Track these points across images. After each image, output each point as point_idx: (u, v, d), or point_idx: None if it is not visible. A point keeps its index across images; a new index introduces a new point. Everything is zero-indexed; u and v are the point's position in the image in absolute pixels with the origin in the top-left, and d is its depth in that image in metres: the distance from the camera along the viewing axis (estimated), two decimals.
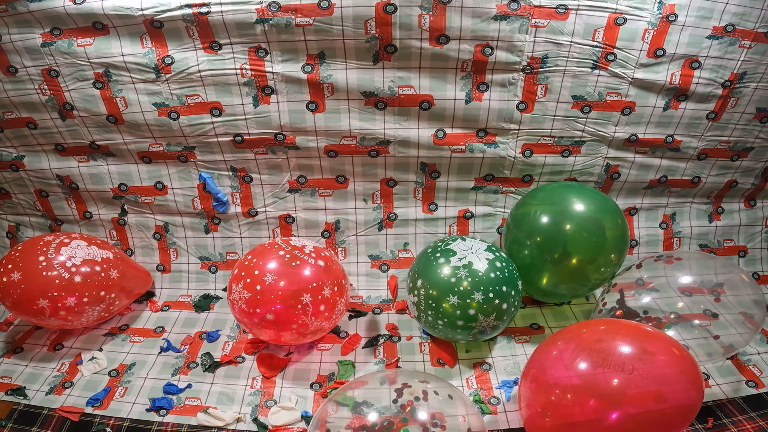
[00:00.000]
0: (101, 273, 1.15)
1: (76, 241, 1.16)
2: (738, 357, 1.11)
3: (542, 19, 1.13)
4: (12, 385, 1.09)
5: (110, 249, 1.23)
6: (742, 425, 0.96)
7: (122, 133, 1.29)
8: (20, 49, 1.16)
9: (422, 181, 1.37)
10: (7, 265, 1.07)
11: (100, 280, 1.14)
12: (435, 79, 1.20)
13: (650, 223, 1.44)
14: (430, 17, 1.11)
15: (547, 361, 0.87)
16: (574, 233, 1.13)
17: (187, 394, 1.07)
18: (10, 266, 1.06)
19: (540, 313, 1.31)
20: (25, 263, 1.06)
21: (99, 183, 1.37)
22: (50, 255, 1.07)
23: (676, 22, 1.13)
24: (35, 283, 1.06)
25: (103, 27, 1.13)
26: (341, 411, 0.83)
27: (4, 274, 1.06)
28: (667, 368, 0.76)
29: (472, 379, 1.09)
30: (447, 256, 1.07)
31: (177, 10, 1.10)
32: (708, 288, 1.03)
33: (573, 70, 1.19)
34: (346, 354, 1.18)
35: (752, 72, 1.20)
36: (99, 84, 1.21)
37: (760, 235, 1.46)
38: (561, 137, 1.30)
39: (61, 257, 1.09)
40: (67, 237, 1.16)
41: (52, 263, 1.08)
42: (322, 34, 1.12)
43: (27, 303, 1.07)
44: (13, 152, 1.36)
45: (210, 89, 1.21)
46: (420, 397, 0.82)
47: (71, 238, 1.16)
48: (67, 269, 1.09)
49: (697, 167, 1.38)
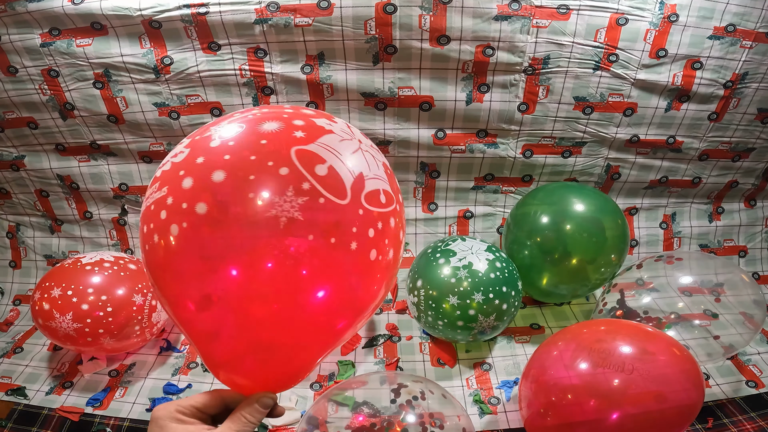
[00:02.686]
0: (165, 320, 1.19)
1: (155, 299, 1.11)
2: (738, 357, 1.12)
3: (543, 20, 1.12)
4: (12, 385, 1.09)
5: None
6: (742, 425, 0.96)
7: (123, 132, 1.29)
8: (20, 50, 1.16)
9: (422, 181, 1.37)
10: (98, 330, 1.01)
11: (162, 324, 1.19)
12: (435, 80, 1.20)
13: (650, 223, 1.44)
14: (430, 17, 1.10)
15: (547, 361, 0.87)
16: (574, 233, 1.13)
17: (187, 394, 1.07)
18: (102, 330, 1.01)
19: (540, 313, 1.31)
20: (120, 331, 1.04)
21: (99, 183, 1.37)
22: (144, 324, 1.07)
23: (678, 22, 1.13)
24: (120, 345, 1.07)
25: (101, 27, 1.13)
26: (341, 411, 0.83)
27: (96, 338, 1.02)
28: (667, 368, 0.76)
29: (472, 379, 1.09)
30: (447, 256, 1.07)
31: (175, 11, 1.10)
32: (708, 288, 1.03)
33: (575, 71, 1.19)
34: (346, 354, 1.18)
35: (753, 72, 1.20)
36: (99, 84, 1.20)
37: (760, 235, 1.46)
38: (562, 138, 1.30)
39: (152, 323, 1.10)
40: (153, 298, 1.09)
41: (144, 332, 1.09)
42: (322, 34, 1.12)
43: (81, 350, 1.10)
44: (13, 152, 1.36)
45: (210, 89, 1.21)
46: (417, 397, 0.83)
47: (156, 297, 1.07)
48: (152, 333, 1.13)
49: (698, 168, 1.38)
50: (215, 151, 0.43)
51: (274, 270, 0.40)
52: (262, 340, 0.42)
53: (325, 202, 0.41)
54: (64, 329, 0.99)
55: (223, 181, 0.40)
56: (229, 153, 0.42)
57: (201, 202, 0.40)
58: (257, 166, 0.41)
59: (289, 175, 0.40)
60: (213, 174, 0.40)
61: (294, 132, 0.44)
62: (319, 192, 0.41)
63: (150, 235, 0.43)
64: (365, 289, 0.46)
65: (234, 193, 0.40)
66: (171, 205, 0.41)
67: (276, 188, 0.40)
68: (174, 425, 0.42)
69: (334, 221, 0.41)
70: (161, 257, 0.42)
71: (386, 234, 0.46)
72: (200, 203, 0.40)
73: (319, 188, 0.41)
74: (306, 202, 0.40)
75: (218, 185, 0.40)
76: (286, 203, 0.39)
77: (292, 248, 0.39)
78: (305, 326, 0.43)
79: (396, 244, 0.49)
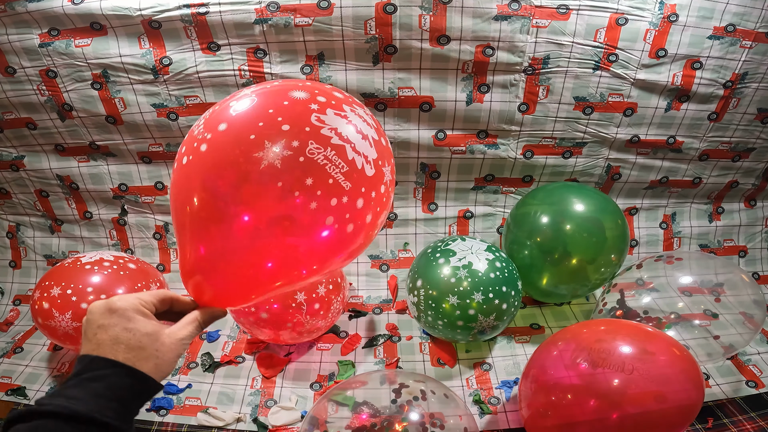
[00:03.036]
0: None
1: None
2: (738, 357, 1.12)
3: (543, 20, 1.12)
4: (12, 385, 1.09)
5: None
6: (742, 425, 0.96)
7: (122, 133, 1.29)
8: (18, 50, 1.16)
9: (422, 181, 1.37)
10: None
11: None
12: (435, 80, 1.20)
13: (650, 223, 1.44)
14: (430, 17, 1.10)
15: (548, 361, 0.87)
16: (574, 233, 1.13)
17: (187, 394, 1.07)
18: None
19: (540, 313, 1.31)
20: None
21: (99, 183, 1.37)
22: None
23: (678, 22, 1.13)
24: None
25: (101, 27, 1.13)
26: (341, 411, 0.83)
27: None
28: (667, 368, 0.76)
29: (472, 379, 1.09)
30: (447, 256, 1.07)
31: (175, 11, 1.10)
32: (708, 288, 1.03)
33: (575, 71, 1.19)
34: (346, 354, 1.18)
35: (753, 72, 1.20)
36: (97, 85, 1.20)
37: (760, 235, 1.46)
38: (562, 139, 1.30)
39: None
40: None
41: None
42: (322, 34, 1.12)
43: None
44: (13, 152, 1.36)
45: (208, 90, 1.21)
46: (418, 397, 0.83)
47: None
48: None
49: (699, 168, 1.38)
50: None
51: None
52: (248, 261, 0.47)
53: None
54: (64, 328, 0.99)
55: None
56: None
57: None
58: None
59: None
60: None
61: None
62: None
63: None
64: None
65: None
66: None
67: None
68: (140, 318, 0.43)
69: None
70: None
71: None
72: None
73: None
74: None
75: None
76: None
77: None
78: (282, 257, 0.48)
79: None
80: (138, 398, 0.42)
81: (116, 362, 0.40)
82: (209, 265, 0.48)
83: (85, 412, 0.37)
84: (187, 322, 0.48)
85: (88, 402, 0.38)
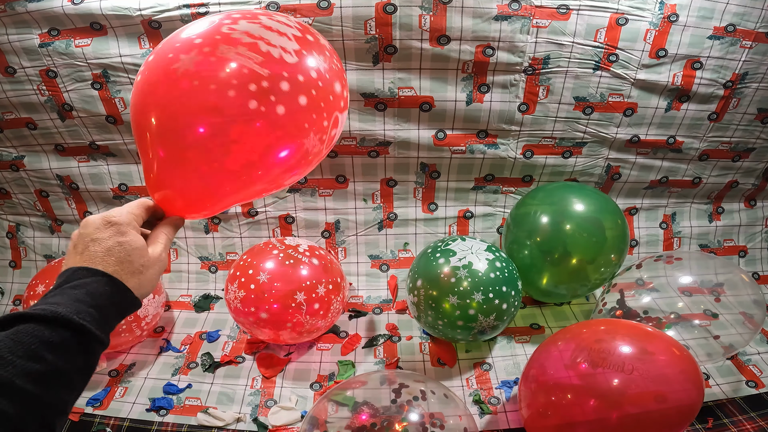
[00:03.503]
0: (159, 317, 1.20)
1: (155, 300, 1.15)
2: (738, 357, 1.12)
3: (543, 20, 1.12)
4: None
5: (162, 290, 1.24)
6: (742, 425, 0.96)
7: (122, 133, 1.29)
8: (18, 50, 1.16)
9: (422, 181, 1.37)
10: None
11: (157, 322, 1.20)
12: (435, 80, 1.20)
13: (650, 223, 1.44)
14: (430, 17, 1.10)
15: (547, 361, 0.87)
16: (574, 233, 1.13)
17: (187, 394, 1.07)
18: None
19: (540, 313, 1.31)
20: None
21: (99, 183, 1.37)
22: (129, 317, 1.06)
23: (678, 22, 1.13)
24: (116, 342, 1.09)
25: (101, 27, 1.13)
26: (341, 411, 0.83)
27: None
28: (667, 368, 0.76)
29: (472, 379, 1.09)
30: (447, 256, 1.07)
31: (175, 11, 1.10)
32: (708, 288, 1.03)
33: (575, 71, 1.19)
34: (346, 354, 1.18)
35: (753, 72, 1.20)
36: (97, 85, 1.20)
37: (760, 235, 1.46)
38: (562, 138, 1.30)
39: (138, 317, 1.10)
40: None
41: (131, 326, 1.09)
42: (322, 34, 1.12)
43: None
44: (13, 152, 1.36)
45: None
46: (418, 397, 0.83)
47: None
48: (141, 328, 1.13)
49: (699, 168, 1.38)
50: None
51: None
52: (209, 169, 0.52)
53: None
54: None
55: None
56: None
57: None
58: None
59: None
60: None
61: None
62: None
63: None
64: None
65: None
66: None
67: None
68: (133, 232, 0.46)
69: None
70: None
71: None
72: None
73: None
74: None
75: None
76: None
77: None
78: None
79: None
80: (116, 308, 0.42)
81: (97, 270, 0.42)
82: (170, 174, 0.53)
83: (64, 314, 0.37)
84: (157, 238, 0.51)
85: (68, 306, 0.38)
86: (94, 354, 0.41)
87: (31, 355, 0.35)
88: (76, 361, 0.38)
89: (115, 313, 0.43)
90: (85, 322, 0.39)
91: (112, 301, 0.42)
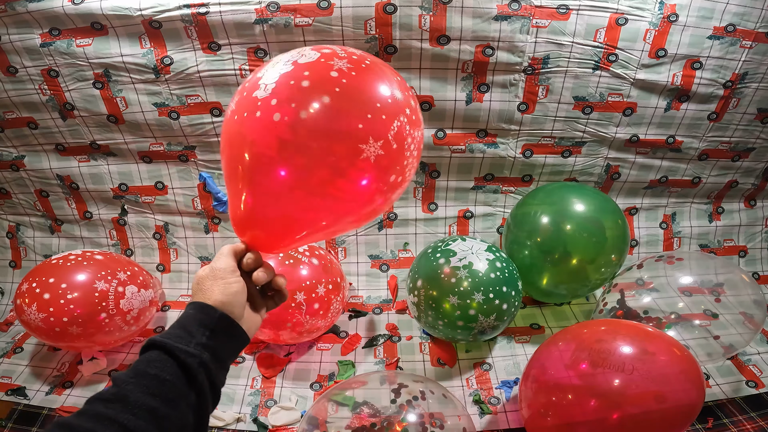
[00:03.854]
0: (148, 314, 1.19)
1: (129, 288, 1.11)
2: (738, 357, 1.12)
3: (543, 20, 1.12)
4: (12, 385, 1.09)
5: (150, 285, 1.20)
6: (742, 425, 0.96)
7: (123, 132, 1.29)
8: (20, 50, 1.16)
9: (422, 181, 1.37)
10: (63, 318, 1.01)
11: (147, 318, 1.18)
12: (435, 80, 1.20)
13: (650, 223, 1.44)
14: (430, 17, 1.10)
15: (548, 361, 0.87)
16: (574, 233, 1.13)
17: None
18: (66, 319, 1.01)
19: (540, 313, 1.31)
20: (86, 319, 1.02)
21: (99, 183, 1.37)
22: (112, 311, 1.06)
23: (677, 22, 1.13)
24: (93, 336, 1.06)
25: (101, 27, 1.13)
26: (341, 411, 0.83)
27: (64, 328, 1.02)
28: (667, 368, 0.76)
29: (472, 379, 1.09)
30: (447, 256, 1.07)
31: (176, 11, 1.10)
32: (708, 288, 1.03)
33: (574, 71, 1.19)
34: (346, 354, 1.18)
35: (753, 72, 1.20)
36: (99, 84, 1.20)
37: (760, 235, 1.46)
38: (562, 138, 1.30)
39: (122, 311, 1.08)
40: (120, 284, 1.09)
41: (115, 321, 1.07)
42: (322, 34, 1.12)
43: (74, 347, 1.12)
44: (13, 152, 1.36)
45: (210, 89, 1.21)
46: (418, 397, 0.82)
47: (123, 283, 1.10)
48: (127, 323, 1.11)
49: (698, 168, 1.38)
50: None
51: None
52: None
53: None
54: (34, 321, 1.01)
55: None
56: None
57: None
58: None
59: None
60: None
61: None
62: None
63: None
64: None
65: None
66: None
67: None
68: (236, 279, 0.52)
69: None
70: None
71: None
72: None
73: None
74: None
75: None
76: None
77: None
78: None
79: None
80: (195, 324, 0.48)
81: (192, 302, 0.50)
82: (255, 216, 0.54)
83: (160, 339, 0.45)
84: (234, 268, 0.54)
85: (169, 332, 0.47)
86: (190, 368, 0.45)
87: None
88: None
89: (202, 329, 0.48)
90: (167, 339, 0.45)
91: (195, 321, 0.48)
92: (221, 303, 0.49)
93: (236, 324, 0.51)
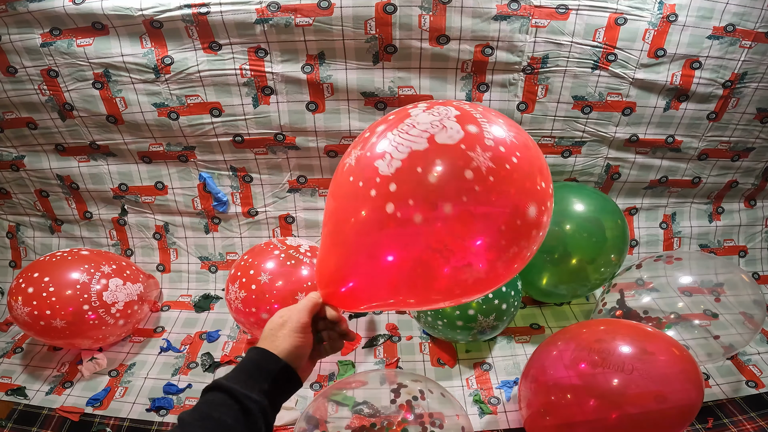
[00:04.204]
0: (138, 309, 1.18)
1: (113, 280, 1.11)
2: (738, 357, 1.11)
3: (542, 19, 1.12)
4: (12, 385, 1.09)
5: (139, 279, 1.20)
6: (742, 425, 0.96)
7: (122, 133, 1.29)
8: (20, 50, 1.16)
9: None
10: (45, 311, 1.02)
11: (136, 314, 1.18)
12: (435, 79, 1.20)
13: (650, 223, 1.44)
14: (430, 17, 1.10)
15: (547, 361, 0.87)
16: (574, 233, 1.13)
17: (187, 394, 1.07)
18: (49, 312, 1.01)
19: (540, 313, 1.31)
20: (69, 312, 1.03)
21: (99, 183, 1.37)
22: (94, 303, 1.06)
23: (677, 22, 1.13)
24: (80, 330, 1.06)
25: (102, 27, 1.13)
26: (341, 411, 0.83)
27: (48, 322, 1.02)
28: (667, 368, 0.76)
29: (472, 379, 1.09)
30: None
31: (176, 11, 1.10)
32: (708, 288, 1.03)
33: (573, 71, 1.19)
34: (346, 354, 1.18)
35: (753, 72, 1.20)
36: (98, 84, 1.21)
37: (760, 235, 1.46)
38: (561, 138, 1.30)
39: (105, 303, 1.08)
40: (103, 277, 1.10)
41: (99, 313, 1.07)
42: (322, 34, 1.12)
43: (70, 345, 1.13)
44: (13, 152, 1.36)
45: (209, 89, 1.21)
46: (417, 397, 0.82)
47: (106, 276, 1.10)
48: (113, 316, 1.10)
49: (698, 167, 1.38)
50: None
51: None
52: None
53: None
54: (21, 316, 1.02)
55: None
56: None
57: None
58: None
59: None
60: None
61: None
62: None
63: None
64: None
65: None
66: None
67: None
68: (306, 336, 0.54)
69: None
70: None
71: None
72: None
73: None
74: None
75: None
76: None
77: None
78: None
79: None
80: (260, 371, 0.50)
81: (259, 348, 0.52)
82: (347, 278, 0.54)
83: (225, 383, 0.48)
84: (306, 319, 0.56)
85: (234, 376, 0.50)
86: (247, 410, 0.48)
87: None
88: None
89: (263, 376, 0.50)
90: (230, 383, 0.48)
91: (257, 367, 0.51)
92: (287, 354, 0.52)
93: (296, 374, 0.53)
